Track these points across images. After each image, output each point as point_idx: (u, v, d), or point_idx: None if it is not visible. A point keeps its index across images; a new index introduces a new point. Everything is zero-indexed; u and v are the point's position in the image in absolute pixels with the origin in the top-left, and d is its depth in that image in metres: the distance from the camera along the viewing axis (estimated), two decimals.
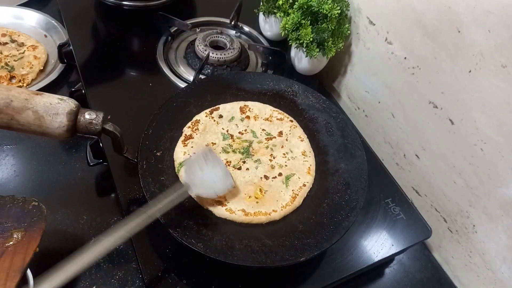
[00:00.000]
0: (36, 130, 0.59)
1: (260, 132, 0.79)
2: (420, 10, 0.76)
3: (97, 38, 1.04)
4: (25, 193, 0.78)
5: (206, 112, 0.80)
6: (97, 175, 0.86)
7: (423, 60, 0.79)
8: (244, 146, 0.76)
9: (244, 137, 0.78)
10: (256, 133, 0.79)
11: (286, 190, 0.71)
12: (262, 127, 0.80)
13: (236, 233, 0.65)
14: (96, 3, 1.09)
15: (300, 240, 0.64)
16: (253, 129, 0.80)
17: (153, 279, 0.65)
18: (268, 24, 1.04)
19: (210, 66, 0.96)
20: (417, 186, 0.90)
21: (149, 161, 0.70)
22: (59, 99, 0.60)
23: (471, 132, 0.72)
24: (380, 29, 0.88)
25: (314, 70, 1.00)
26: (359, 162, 0.74)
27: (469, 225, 0.77)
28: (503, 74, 0.64)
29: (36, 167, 0.85)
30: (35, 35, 1.10)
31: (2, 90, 0.58)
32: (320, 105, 0.83)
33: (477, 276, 0.79)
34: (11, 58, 1.02)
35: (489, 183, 0.71)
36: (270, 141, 0.78)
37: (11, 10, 1.13)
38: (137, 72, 0.97)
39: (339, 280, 0.70)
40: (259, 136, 0.79)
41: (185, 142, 0.75)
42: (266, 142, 0.78)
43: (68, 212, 0.78)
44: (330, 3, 0.87)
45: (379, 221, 0.77)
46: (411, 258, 0.83)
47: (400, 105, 0.88)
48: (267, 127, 0.80)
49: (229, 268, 0.62)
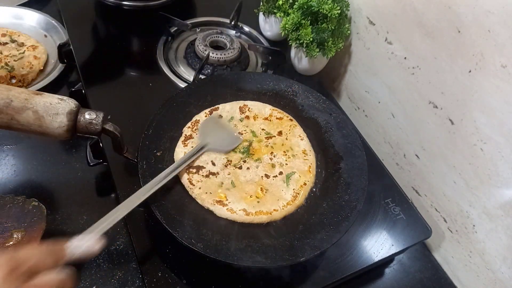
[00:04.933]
0: (36, 130, 0.59)
1: (260, 131, 0.79)
2: (420, 10, 0.76)
3: (97, 38, 1.04)
4: (25, 193, 0.78)
5: (205, 112, 0.80)
6: (97, 175, 0.85)
7: (423, 60, 0.79)
8: (244, 145, 0.76)
9: (244, 137, 0.78)
10: (255, 133, 0.79)
11: (287, 189, 0.71)
12: (261, 126, 0.80)
13: (236, 233, 0.65)
14: (96, 3, 1.09)
15: (300, 240, 0.64)
16: (253, 128, 0.80)
17: (153, 279, 0.65)
18: (268, 24, 1.04)
19: (210, 66, 0.96)
20: (417, 186, 0.90)
21: (149, 161, 0.70)
22: (59, 99, 0.60)
23: (471, 132, 0.72)
24: (380, 29, 0.88)
25: (314, 70, 1.00)
26: (359, 162, 0.74)
27: (469, 225, 0.77)
28: (503, 74, 0.64)
29: (36, 167, 0.85)
30: (35, 35, 1.10)
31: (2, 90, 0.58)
32: (320, 105, 0.83)
33: (477, 276, 0.79)
34: (11, 58, 1.02)
35: (489, 183, 0.71)
36: (270, 140, 0.78)
37: (11, 10, 1.13)
38: (137, 72, 0.97)
39: (339, 280, 0.70)
40: (258, 136, 0.79)
41: (185, 142, 0.75)
42: (266, 141, 0.78)
43: (68, 212, 0.78)
44: (330, 3, 0.87)
45: (379, 221, 0.77)
46: (411, 258, 0.83)
47: (400, 105, 0.88)
48: (267, 127, 0.80)
49: (229, 268, 0.62)
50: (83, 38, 1.01)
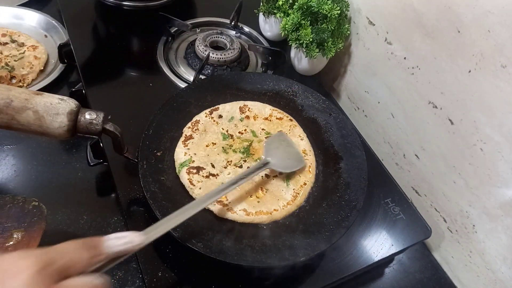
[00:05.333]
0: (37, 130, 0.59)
1: (260, 131, 0.80)
2: (420, 10, 0.76)
3: (97, 38, 1.04)
4: (25, 193, 0.78)
5: (205, 112, 0.81)
6: (97, 175, 0.86)
7: (423, 60, 0.79)
8: (244, 145, 0.76)
9: (244, 137, 0.78)
10: (256, 133, 0.79)
11: (287, 188, 0.71)
12: (261, 126, 0.80)
13: (236, 233, 0.65)
14: (96, 3, 1.09)
15: (300, 240, 0.64)
16: (253, 128, 0.80)
17: (153, 279, 0.65)
18: (268, 25, 1.04)
19: (210, 67, 0.96)
20: (416, 186, 0.90)
21: (150, 161, 0.70)
22: (59, 99, 0.60)
23: (471, 132, 0.72)
24: (380, 29, 0.88)
25: (314, 70, 1.00)
26: (359, 162, 0.74)
27: (469, 225, 0.78)
28: (503, 74, 0.64)
29: (36, 167, 0.85)
30: (35, 35, 1.10)
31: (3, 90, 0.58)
32: (320, 105, 0.83)
33: (477, 276, 0.79)
34: (11, 58, 1.02)
35: (489, 183, 0.71)
36: None
37: (11, 10, 1.13)
38: (137, 72, 0.97)
39: (339, 280, 0.70)
40: (258, 135, 0.79)
41: (185, 143, 0.75)
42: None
43: (68, 212, 0.78)
44: (330, 3, 0.87)
45: (379, 221, 0.77)
46: (411, 258, 0.83)
47: (400, 105, 0.88)
48: (267, 127, 0.80)
49: (229, 268, 0.62)
50: (83, 38, 1.01)
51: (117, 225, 0.78)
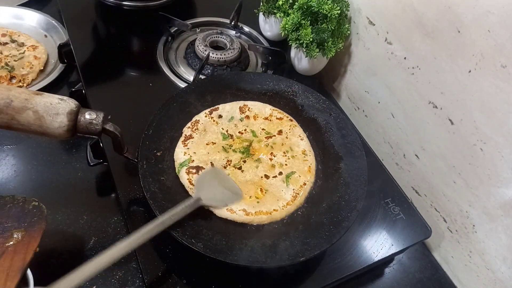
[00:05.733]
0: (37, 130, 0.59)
1: (260, 131, 0.80)
2: (420, 10, 0.76)
3: (97, 38, 1.04)
4: (25, 193, 0.78)
5: (205, 112, 0.81)
6: (97, 175, 0.86)
7: (423, 60, 0.79)
8: (244, 145, 0.76)
9: (244, 137, 0.78)
10: (255, 133, 0.79)
11: (287, 189, 0.71)
12: (261, 126, 0.80)
13: (236, 233, 0.65)
14: (96, 3, 1.09)
15: (300, 240, 0.64)
16: (253, 128, 0.80)
17: (153, 279, 0.65)
18: (268, 24, 1.04)
19: (210, 66, 0.96)
20: (416, 186, 0.90)
21: (149, 161, 0.70)
22: (59, 99, 0.60)
23: (471, 132, 0.72)
24: (380, 29, 0.88)
25: (314, 70, 1.00)
26: (359, 162, 0.74)
27: (469, 225, 0.78)
28: (503, 74, 0.64)
29: (36, 167, 0.85)
30: (35, 35, 1.10)
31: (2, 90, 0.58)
32: (320, 105, 0.83)
33: (477, 276, 0.79)
34: (11, 58, 1.02)
35: (489, 183, 0.71)
36: (270, 140, 0.78)
37: (11, 10, 1.13)
38: (137, 72, 0.97)
39: (339, 280, 0.70)
40: (258, 135, 0.79)
41: (185, 142, 0.75)
42: (266, 141, 0.78)
43: (68, 212, 0.78)
44: (330, 3, 0.87)
45: (379, 221, 0.77)
46: (411, 258, 0.83)
47: (400, 105, 0.88)
48: (267, 127, 0.80)
49: (229, 268, 0.62)
50: (83, 38, 1.01)
51: (117, 225, 0.78)
